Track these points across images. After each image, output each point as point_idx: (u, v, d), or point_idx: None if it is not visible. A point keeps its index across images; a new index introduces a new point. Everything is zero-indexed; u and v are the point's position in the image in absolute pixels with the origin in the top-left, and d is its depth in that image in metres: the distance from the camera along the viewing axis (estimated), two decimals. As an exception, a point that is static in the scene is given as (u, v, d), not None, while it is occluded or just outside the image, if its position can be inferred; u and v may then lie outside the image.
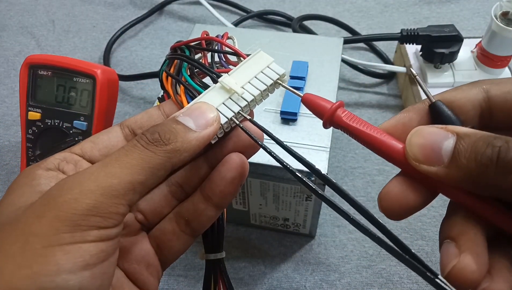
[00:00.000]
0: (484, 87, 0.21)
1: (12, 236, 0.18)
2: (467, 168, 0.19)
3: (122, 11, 0.69)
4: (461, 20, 0.64)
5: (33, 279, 0.16)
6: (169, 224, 0.25)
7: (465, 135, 0.19)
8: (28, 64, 0.41)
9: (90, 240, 0.18)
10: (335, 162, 0.48)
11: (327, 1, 0.69)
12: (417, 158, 0.20)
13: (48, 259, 0.17)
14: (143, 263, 0.24)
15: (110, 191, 0.18)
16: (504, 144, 0.18)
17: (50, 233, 0.17)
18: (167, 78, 0.26)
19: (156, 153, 0.20)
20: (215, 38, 0.26)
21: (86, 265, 0.17)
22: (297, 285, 0.40)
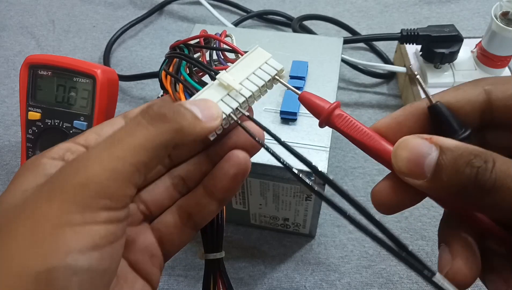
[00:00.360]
0: (486, 88, 0.21)
1: (21, 218, 0.18)
2: (447, 185, 0.19)
3: (122, 11, 0.69)
4: (461, 20, 0.64)
5: (44, 259, 0.17)
6: (172, 217, 0.25)
7: (447, 150, 0.19)
8: (28, 64, 0.41)
9: (100, 222, 0.18)
10: (335, 162, 0.48)
11: (327, 1, 0.69)
12: (401, 171, 0.20)
13: (58, 239, 0.17)
14: (147, 253, 0.24)
15: (115, 174, 0.18)
16: (483, 164, 0.18)
17: (60, 214, 0.17)
18: (166, 77, 0.26)
19: (161, 130, 0.20)
20: (213, 36, 0.26)
21: (95, 246, 0.18)
22: (297, 285, 0.40)
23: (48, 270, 0.16)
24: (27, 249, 0.17)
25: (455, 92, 0.22)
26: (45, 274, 0.16)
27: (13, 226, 0.18)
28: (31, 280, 0.16)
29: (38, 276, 0.16)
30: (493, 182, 0.18)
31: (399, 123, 0.22)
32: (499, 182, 0.18)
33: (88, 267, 0.17)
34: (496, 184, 0.18)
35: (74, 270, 0.17)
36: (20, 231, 0.17)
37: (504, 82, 0.21)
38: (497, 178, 0.18)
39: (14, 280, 0.16)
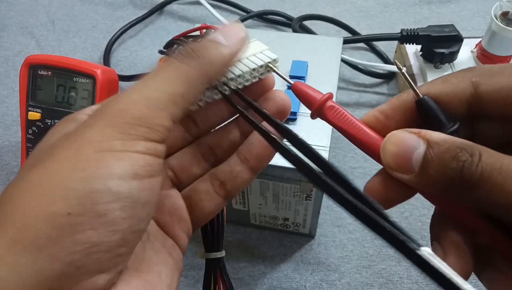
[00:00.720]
0: (474, 80, 0.21)
1: (65, 145, 0.18)
2: (434, 179, 0.19)
3: (122, 11, 0.69)
4: (461, 20, 0.64)
5: (87, 181, 0.17)
6: (203, 184, 0.25)
7: (435, 144, 0.19)
8: (28, 64, 0.41)
9: (139, 151, 0.18)
10: (335, 162, 0.48)
11: (327, 1, 0.69)
12: (390, 166, 0.20)
13: (101, 163, 0.17)
14: (176, 216, 0.24)
15: (153, 102, 0.19)
16: (469, 158, 0.18)
17: (102, 140, 0.18)
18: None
19: (191, 65, 0.20)
20: (211, 26, 0.27)
21: (135, 174, 0.18)
22: (297, 285, 0.40)
23: (91, 193, 0.17)
24: (71, 173, 0.17)
25: (442, 84, 0.21)
26: (88, 197, 0.17)
27: (56, 151, 0.18)
28: (75, 201, 0.17)
29: (81, 198, 0.17)
30: (478, 176, 0.17)
31: (387, 116, 0.22)
32: (485, 176, 0.17)
33: (129, 194, 0.18)
34: (481, 178, 0.17)
35: (116, 196, 0.17)
36: (64, 155, 0.18)
37: (491, 73, 0.21)
38: (482, 172, 0.17)
39: (60, 202, 0.16)
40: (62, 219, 0.16)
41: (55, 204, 0.16)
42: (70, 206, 0.16)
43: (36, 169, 0.18)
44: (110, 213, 0.17)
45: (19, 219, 0.16)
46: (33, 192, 0.17)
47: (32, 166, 0.18)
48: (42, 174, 0.17)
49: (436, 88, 0.21)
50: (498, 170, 0.17)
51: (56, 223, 0.16)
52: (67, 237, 0.16)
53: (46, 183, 0.17)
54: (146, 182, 0.18)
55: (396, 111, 0.22)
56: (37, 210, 0.16)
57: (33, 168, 0.18)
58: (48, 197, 0.17)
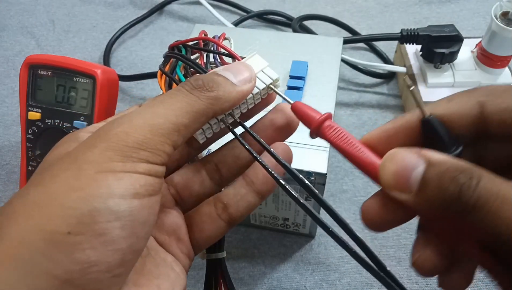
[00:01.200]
0: (480, 100, 0.20)
1: (65, 165, 0.18)
2: (432, 200, 0.18)
3: (122, 11, 0.69)
4: (461, 20, 0.64)
5: (86, 200, 0.17)
6: (207, 206, 0.25)
7: (435, 164, 0.18)
8: (28, 64, 0.41)
9: (140, 172, 0.18)
10: (335, 162, 0.48)
11: (327, 1, 0.69)
12: (388, 184, 0.20)
13: (101, 183, 0.17)
14: (174, 236, 0.24)
15: (157, 129, 0.19)
16: (468, 181, 0.17)
17: (103, 161, 0.18)
18: (161, 76, 0.26)
19: (200, 98, 0.20)
20: (211, 39, 0.27)
21: (136, 193, 0.18)
22: (297, 285, 0.40)
23: (91, 212, 0.17)
24: (71, 192, 0.17)
25: (448, 104, 0.21)
26: (88, 216, 0.17)
27: (56, 171, 0.18)
28: (75, 221, 0.16)
29: (81, 217, 0.17)
30: (475, 200, 0.17)
31: (390, 136, 0.22)
32: (481, 201, 0.17)
33: (129, 213, 0.18)
34: (478, 203, 0.17)
35: (116, 215, 0.17)
36: (64, 175, 0.18)
37: (498, 93, 0.20)
38: (479, 197, 0.17)
39: (58, 220, 0.16)
40: (61, 237, 0.16)
41: (54, 223, 0.16)
42: (69, 225, 0.16)
43: (36, 187, 0.18)
44: (110, 232, 0.17)
45: (16, 235, 0.16)
46: (32, 209, 0.17)
47: (32, 185, 0.18)
48: (42, 193, 0.17)
49: (442, 108, 0.21)
50: (495, 196, 0.17)
51: (55, 241, 0.16)
52: (65, 255, 0.16)
53: (45, 201, 0.17)
54: (146, 201, 0.18)
55: (399, 130, 0.22)
56: (36, 228, 0.16)
57: (33, 187, 0.18)
58: (47, 215, 0.17)
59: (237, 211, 0.24)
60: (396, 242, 0.42)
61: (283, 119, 0.25)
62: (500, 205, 0.17)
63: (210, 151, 0.33)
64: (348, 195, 0.46)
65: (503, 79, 0.48)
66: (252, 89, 0.23)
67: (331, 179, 0.47)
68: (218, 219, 0.24)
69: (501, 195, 0.17)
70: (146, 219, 0.19)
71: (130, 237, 0.18)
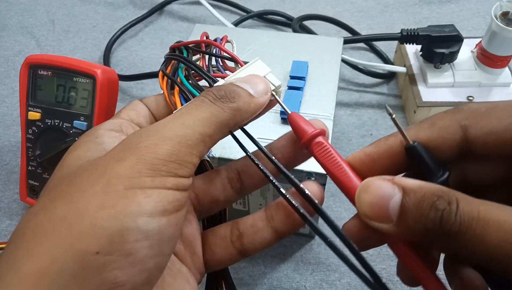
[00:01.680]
0: (462, 124, 0.20)
1: (93, 178, 0.18)
2: (414, 229, 0.18)
3: (122, 11, 0.69)
4: (461, 20, 0.64)
5: (116, 218, 0.17)
6: (224, 229, 0.25)
7: (410, 191, 0.18)
8: (28, 64, 0.41)
9: (168, 187, 0.18)
10: (335, 162, 0.48)
11: (327, 1, 0.69)
12: (367, 215, 0.20)
13: (130, 200, 0.17)
14: (190, 248, 0.24)
15: (185, 140, 0.19)
16: (447, 207, 0.17)
17: (132, 176, 0.17)
18: (163, 77, 0.26)
19: (223, 109, 0.21)
20: (213, 42, 0.26)
21: (164, 211, 0.18)
22: (297, 285, 0.40)
23: (121, 231, 0.17)
24: (101, 209, 0.17)
25: (430, 129, 0.21)
26: (117, 235, 0.17)
27: (84, 184, 0.18)
28: (105, 240, 0.16)
29: (111, 236, 0.16)
30: (458, 226, 0.17)
31: (373, 160, 0.22)
32: (464, 226, 0.17)
33: (157, 231, 0.17)
34: (461, 228, 0.17)
35: (146, 234, 0.17)
36: (93, 190, 0.17)
37: (480, 115, 0.20)
38: (461, 222, 0.17)
39: (88, 239, 0.16)
40: (91, 257, 0.16)
41: (84, 242, 0.16)
42: (99, 245, 0.16)
43: (62, 201, 0.17)
44: (139, 252, 0.17)
45: (46, 254, 0.16)
46: (61, 226, 0.17)
47: (57, 197, 0.18)
48: (71, 209, 0.17)
49: (425, 133, 0.21)
50: (476, 219, 0.17)
51: (84, 261, 0.16)
52: (94, 275, 0.16)
53: (75, 219, 0.17)
54: (173, 217, 0.18)
55: (382, 155, 0.22)
56: (66, 247, 0.16)
57: (59, 199, 0.18)
58: (77, 234, 0.16)
59: (251, 243, 0.24)
60: (396, 242, 0.42)
61: None
62: (484, 228, 0.16)
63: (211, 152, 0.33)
64: (348, 195, 0.46)
65: (503, 79, 0.48)
66: (267, 101, 0.23)
67: (330, 181, 0.47)
68: (231, 245, 0.24)
69: (482, 217, 0.17)
70: (172, 235, 0.19)
71: (157, 255, 0.18)
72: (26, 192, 0.43)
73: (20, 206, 0.45)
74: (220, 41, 0.27)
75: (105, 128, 0.22)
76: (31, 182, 0.42)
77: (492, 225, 0.16)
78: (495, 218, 0.16)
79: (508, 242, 0.16)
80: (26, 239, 0.17)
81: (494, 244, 0.16)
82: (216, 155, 0.35)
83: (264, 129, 0.38)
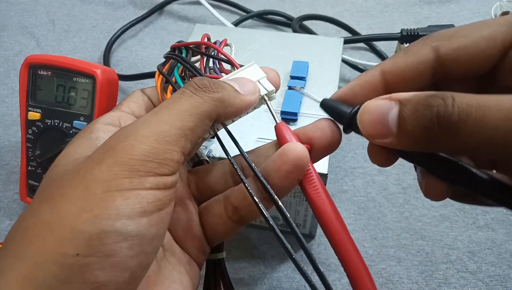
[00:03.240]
0: (433, 45, 0.21)
1: (74, 182, 0.18)
2: (413, 134, 0.19)
3: (122, 11, 0.69)
4: (461, 20, 0.64)
5: (94, 222, 0.17)
6: (217, 206, 0.24)
7: (407, 101, 0.19)
8: (28, 64, 0.41)
9: (148, 187, 0.18)
10: (335, 162, 0.48)
11: (327, 1, 0.69)
12: (370, 134, 0.21)
13: (108, 203, 0.17)
14: (189, 233, 0.24)
15: (163, 136, 0.19)
16: (441, 102, 0.18)
17: (110, 178, 0.18)
18: (159, 75, 0.26)
19: (204, 99, 0.20)
20: (211, 44, 0.27)
21: (144, 212, 0.18)
22: (297, 285, 0.40)
23: (99, 234, 0.17)
24: (80, 213, 0.17)
25: (405, 55, 0.22)
26: (96, 238, 0.17)
27: (65, 190, 0.18)
28: (83, 243, 0.17)
29: (90, 239, 0.17)
30: (456, 116, 0.17)
31: (355, 93, 0.23)
32: (464, 115, 0.17)
33: (137, 232, 0.18)
34: (460, 118, 0.17)
35: (124, 235, 0.17)
36: (73, 194, 0.18)
37: (448, 36, 0.21)
38: (460, 111, 0.17)
39: (68, 242, 0.17)
40: (71, 259, 0.17)
41: (64, 246, 0.17)
42: (78, 247, 0.17)
43: (46, 205, 0.18)
44: (118, 253, 0.17)
45: (30, 258, 0.17)
46: (44, 230, 0.17)
47: (43, 201, 0.18)
48: (53, 213, 0.17)
49: (401, 60, 0.22)
50: (476, 106, 0.17)
51: (65, 264, 0.17)
52: (75, 277, 0.17)
53: (56, 223, 0.17)
54: (155, 217, 0.18)
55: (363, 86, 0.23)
56: (48, 251, 0.17)
57: (44, 203, 0.18)
58: (57, 238, 0.17)
59: (248, 213, 0.24)
60: (396, 242, 0.42)
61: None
62: (484, 112, 0.17)
63: (211, 151, 0.33)
64: (348, 195, 0.46)
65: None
66: (255, 102, 0.23)
67: (331, 179, 0.47)
68: (229, 221, 0.24)
69: (481, 105, 0.17)
70: (155, 235, 0.19)
71: (138, 255, 0.18)
72: (26, 192, 0.43)
73: (20, 206, 0.45)
74: (220, 43, 0.27)
75: (102, 122, 0.22)
76: (31, 182, 0.42)
77: (492, 107, 0.17)
78: (494, 101, 0.17)
79: (511, 119, 0.16)
80: (14, 243, 0.18)
81: (497, 125, 0.16)
82: (216, 155, 0.35)
83: (263, 129, 0.38)
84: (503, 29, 0.20)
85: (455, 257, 0.40)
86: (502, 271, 0.39)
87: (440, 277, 0.39)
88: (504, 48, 0.20)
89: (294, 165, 0.22)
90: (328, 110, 0.24)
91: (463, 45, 0.21)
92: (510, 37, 0.20)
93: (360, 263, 0.22)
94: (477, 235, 0.42)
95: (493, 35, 0.20)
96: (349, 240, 0.22)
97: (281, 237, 0.22)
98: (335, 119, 0.24)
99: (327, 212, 0.22)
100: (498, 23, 0.20)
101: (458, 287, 0.38)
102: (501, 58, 0.20)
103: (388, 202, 0.45)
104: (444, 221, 0.43)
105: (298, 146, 0.22)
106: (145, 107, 0.25)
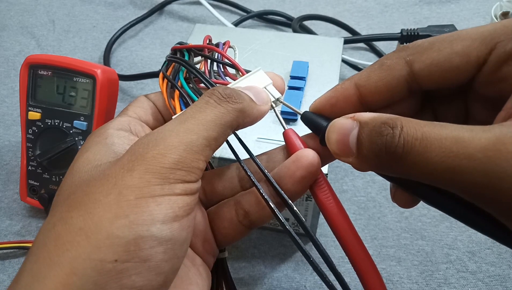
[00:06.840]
0: (408, 59, 0.21)
1: (105, 189, 0.18)
2: (368, 158, 0.19)
3: (122, 11, 0.69)
4: (461, 20, 0.64)
5: (131, 228, 0.17)
6: (228, 210, 0.25)
7: (365, 124, 0.19)
8: (28, 64, 0.41)
9: (178, 193, 0.19)
10: (335, 162, 0.48)
11: (327, 1, 0.69)
12: (335, 153, 0.21)
13: (143, 209, 0.18)
14: (200, 237, 0.24)
15: (191, 146, 0.19)
16: (390, 131, 0.18)
17: (142, 185, 0.18)
18: (163, 79, 0.26)
19: (228, 110, 0.21)
20: (215, 49, 0.26)
21: (175, 217, 0.18)
22: (297, 285, 0.40)
23: (136, 239, 0.17)
24: (115, 219, 0.17)
25: (379, 69, 0.22)
26: (133, 244, 0.17)
27: (97, 196, 0.18)
28: (121, 248, 0.17)
29: (127, 244, 0.17)
30: (401, 147, 0.17)
31: (332, 105, 0.23)
32: (408, 147, 0.17)
33: (170, 237, 0.18)
34: (405, 149, 0.17)
35: (159, 240, 0.18)
36: (106, 201, 0.18)
37: (423, 50, 0.21)
38: (404, 143, 0.17)
39: (106, 249, 0.17)
40: (109, 265, 0.17)
41: (102, 252, 0.17)
42: (116, 253, 0.17)
43: (78, 212, 0.18)
44: (154, 258, 0.18)
45: (67, 265, 0.17)
46: (80, 237, 0.17)
47: (73, 207, 0.19)
48: (87, 220, 0.18)
49: (375, 74, 0.22)
50: (420, 139, 0.17)
51: (103, 270, 0.17)
52: (113, 282, 0.17)
53: (91, 230, 0.17)
54: (185, 221, 0.19)
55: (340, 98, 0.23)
56: (85, 256, 0.17)
57: (75, 210, 0.18)
58: (95, 244, 0.17)
59: (259, 219, 0.24)
60: (396, 242, 0.42)
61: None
62: (425, 147, 0.17)
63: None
64: (348, 195, 0.46)
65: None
66: (267, 111, 0.23)
67: (331, 179, 0.47)
68: (239, 225, 0.24)
69: (425, 138, 0.17)
70: (185, 238, 0.19)
71: (171, 259, 0.18)
72: (26, 192, 0.43)
73: (20, 206, 0.45)
74: (223, 46, 0.27)
75: (114, 128, 0.22)
76: (31, 182, 0.42)
77: (433, 143, 0.17)
78: (436, 136, 0.17)
79: (448, 157, 0.16)
80: (47, 250, 0.18)
81: (436, 161, 0.17)
82: (217, 155, 0.35)
83: (265, 129, 0.38)
84: (476, 44, 0.20)
85: (455, 257, 0.40)
86: (502, 271, 0.39)
87: (440, 277, 0.39)
88: (478, 64, 0.20)
89: (307, 171, 0.23)
90: (308, 124, 0.24)
91: (436, 61, 0.20)
92: (483, 53, 0.20)
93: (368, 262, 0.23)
94: (477, 235, 0.42)
95: (466, 51, 0.20)
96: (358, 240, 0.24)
97: (299, 241, 0.23)
98: (314, 132, 0.24)
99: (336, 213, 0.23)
100: (472, 37, 0.20)
101: (458, 287, 0.38)
102: (475, 73, 0.20)
103: (388, 202, 0.45)
104: (444, 221, 0.43)
105: (311, 153, 0.23)
106: (151, 112, 0.26)
